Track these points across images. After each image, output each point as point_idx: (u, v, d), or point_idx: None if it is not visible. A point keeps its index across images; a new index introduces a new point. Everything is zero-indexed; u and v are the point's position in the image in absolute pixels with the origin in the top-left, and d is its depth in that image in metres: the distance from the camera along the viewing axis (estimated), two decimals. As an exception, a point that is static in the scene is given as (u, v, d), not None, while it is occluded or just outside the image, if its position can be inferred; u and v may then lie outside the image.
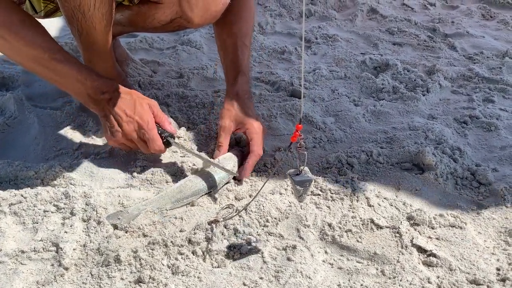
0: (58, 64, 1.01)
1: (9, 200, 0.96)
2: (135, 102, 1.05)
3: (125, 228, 0.91)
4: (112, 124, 1.03)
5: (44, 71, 1.03)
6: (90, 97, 1.04)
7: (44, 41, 1.01)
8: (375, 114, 1.40)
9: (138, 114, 1.03)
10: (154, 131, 1.04)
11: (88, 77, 1.03)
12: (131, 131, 1.03)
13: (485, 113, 1.41)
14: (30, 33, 0.99)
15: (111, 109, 1.03)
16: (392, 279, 0.82)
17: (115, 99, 1.04)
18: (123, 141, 1.05)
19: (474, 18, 2.36)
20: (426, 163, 1.13)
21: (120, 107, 1.03)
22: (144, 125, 1.03)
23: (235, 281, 0.81)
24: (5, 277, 0.80)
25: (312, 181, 0.82)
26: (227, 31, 1.25)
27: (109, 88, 1.05)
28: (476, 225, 0.96)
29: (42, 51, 1.00)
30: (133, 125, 1.03)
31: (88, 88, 1.03)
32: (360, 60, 1.75)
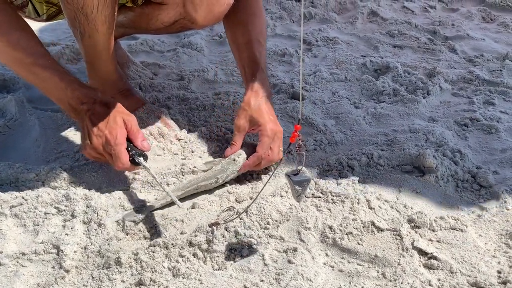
0: (41, 69, 1.01)
1: (10, 202, 0.96)
2: (110, 116, 1.02)
3: (140, 220, 0.93)
4: (85, 137, 1.02)
5: (27, 75, 1.04)
6: (70, 106, 1.04)
7: (30, 45, 1.01)
8: (375, 117, 1.41)
9: (109, 129, 1.00)
10: (120, 148, 0.98)
11: (69, 86, 1.03)
12: (98, 145, 1.00)
13: (485, 115, 1.41)
14: (16, 35, 0.99)
15: (87, 121, 1.02)
16: (393, 281, 0.82)
17: (92, 111, 1.02)
18: (93, 154, 1.03)
19: (474, 20, 2.37)
20: (426, 166, 1.13)
21: (93, 120, 1.02)
22: (112, 140, 0.98)
23: (236, 284, 0.81)
24: (6, 279, 0.80)
25: (309, 180, 0.83)
26: (242, 29, 1.25)
27: (88, 99, 1.04)
28: (477, 228, 0.96)
29: (25, 55, 1.00)
30: (102, 139, 1.00)
31: (68, 97, 1.03)
32: (360, 63, 1.75)
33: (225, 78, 1.65)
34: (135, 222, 0.92)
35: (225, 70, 1.71)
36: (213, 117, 1.36)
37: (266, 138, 1.08)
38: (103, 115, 1.02)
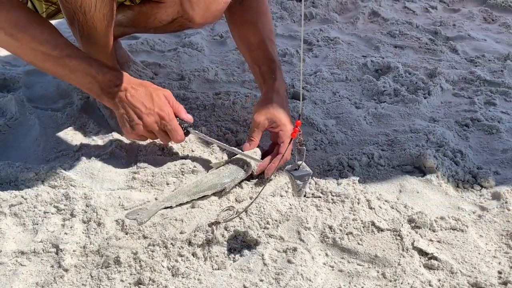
0: (68, 59, 1.00)
1: (10, 201, 0.96)
2: (152, 94, 1.05)
3: (145, 222, 0.92)
4: (132, 118, 1.03)
5: (54, 68, 1.02)
6: (103, 90, 1.04)
7: (53, 37, 1.01)
8: (376, 117, 1.40)
9: (158, 106, 1.03)
10: (175, 122, 1.04)
11: (99, 71, 1.02)
12: (152, 123, 1.03)
13: (486, 116, 1.40)
14: (38, 29, 0.99)
15: (128, 102, 1.03)
16: (393, 282, 0.82)
17: (130, 91, 1.03)
18: (143, 133, 1.05)
19: (475, 21, 2.36)
20: (427, 166, 1.13)
21: (138, 99, 1.03)
22: (166, 116, 1.03)
23: (235, 283, 0.81)
24: (5, 278, 0.80)
25: (310, 174, 0.82)
26: (252, 29, 1.25)
27: (121, 80, 1.04)
28: (477, 228, 0.96)
29: (51, 47, 0.99)
30: (154, 117, 1.03)
31: (100, 82, 1.03)
32: (361, 63, 1.75)
33: (225, 78, 1.64)
34: (138, 223, 0.92)
35: (225, 70, 1.71)
36: (214, 116, 1.36)
37: (288, 139, 1.08)
38: (144, 94, 1.04)
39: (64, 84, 1.48)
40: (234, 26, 1.29)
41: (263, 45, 1.23)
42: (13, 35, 0.97)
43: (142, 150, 1.16)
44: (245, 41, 1.26)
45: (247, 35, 1.25)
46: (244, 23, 1.26)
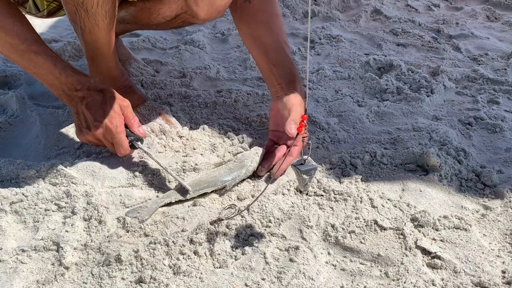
0: (34, 55, 1.02)
1: (10, 198, 0.95)
2: (106, 104, 1.06)
3: (146, 220, 0.92)
4: (82, 124, 1.06)
5: (20, 61, 1.04)
6: (64, 92, 1.06)
7: (23, 31, 1.02)
8: (379, 115, 1.39)
9: (108, 118, 1.04)
10: (121, 136, 1.04)
11: (62, 72, 1.05)
12: (98, 134, 1.05)
13: (490, 114, 1.40)
14: (10, 21, 1.00)
15: (82, 109, 1.05)
16: (396, 281, 0.81)
17: (87, 98, 1.06)
18: (91, 140, 1.08)
19: (478, 19, 2.35)
20: (430, 165, 1.12)
21: (91, 108, 1.05)
22: (113, 129, 1.03)
23: (237, 282, 0.80)
24: (5, 276, 0.80)
25: (316, 169, 0.82)
26: (264, 30, 1.23)
27: (82, 85, 1.06)
28: (481, 227, 0.95)
29: (19, 41, 1.01)
30: (102, 128, 1.04)
31: (62, 83, 1.05)
32: (364, 61, 1.74)
33: (227, 76, 1.64)
34: (139, 221, 0.91)
35: (227, 68, 1.70)
36: (215, 114, 1.35)
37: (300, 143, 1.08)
38: (99, 102, 1.05)
39: (65, 81, 1.48)
40: (244, 27, 1.26)
41: (279, 46, 1.21)
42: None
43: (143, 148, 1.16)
44: (259, 43, 1.23)
45: (261, 37, 1.23)
46: (257, 23, 1.23)
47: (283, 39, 1.23)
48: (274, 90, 1.19)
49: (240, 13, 1.26)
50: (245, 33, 1.27)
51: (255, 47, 1.24)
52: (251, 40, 1.25)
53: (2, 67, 1.56)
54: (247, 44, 1.27)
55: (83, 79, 1.07)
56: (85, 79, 1.08)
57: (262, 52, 1.22)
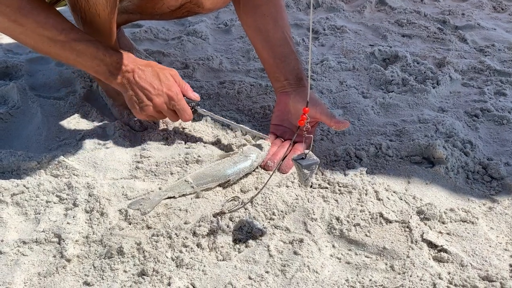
0: (75, 43, 0.99)
1: (11, 190, 0.94)
2: (159, 74, 1.06)
3: (148, 212, 0.91)
4: (141, 99, 1.04)
5: (61, 52, 1.01)
6: (111, 73, 1.03)
7: (58, 22, 0.99)
8: (384, 107, 1.38)
9: (166, 86, 1.05)
10: (183, 101, 1.06)
11: (106, 53, 1.02)
12: (161, 103, 1.05)
13: (496, 106, 1.37)
14: (43, 15, 0.97)
15: (136, 83, 1.04)
16: (402, 274, 0.80)
17: (137, 72, 1.04)
18: (153, 114, 1.07)
19: (485, 10, 2.32)
20: (436, 157, 1.10)
21: (146, 80, 1.04)
22: (174, 96, 1.05)
23: (240, 275, 0.79)
24: (6, 268, 0.79)
25: (317, 163, 0.81)
26: (271, 23, 1.19)
27: (128, 61, 1.05)
28: (488, 220, 0.94)
29: (56, 32, 0.98)
30: (163, 97, 1.05)
31: (107, 64, 1.02)
32: (368, 52, 1.72)
33: (230, 67, 1.62)
34: (141, 213, 0.90)
35: (230, 59, 1.68)
36: (218, 106, 1.34)
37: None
38: (151, 74, 1.05)
39: (67, 72, 1.46)
40: (248, 17, 1.23)
41: (285, 42, 1.19)
42: (17, 20, 0.95)
43: (145, 139, 1.15)
44: (264, 35, 1.20)
45: (266, 29, 1.20)
46: (263, 15, 1.20)
47: (288, 34, 1.20)
48: (281, 86, 1.17)
49: (244, 4, 1.23)
50: (249, 25, 1.24)
51: (259, 40, 1.21)
52: (255, 33, 1.22)
53: (3, 57, 1.55)
54: (251, 37, 1.25)
55: (127, 55, 1.05)
56: (128, 55, 1.06)
57: (267, 46, 1.20)
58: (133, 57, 1.07)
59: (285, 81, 1.15)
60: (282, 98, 1.15)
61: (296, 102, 1.11)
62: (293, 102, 1.12)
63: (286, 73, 1.16)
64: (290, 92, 1.13)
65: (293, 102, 1.12)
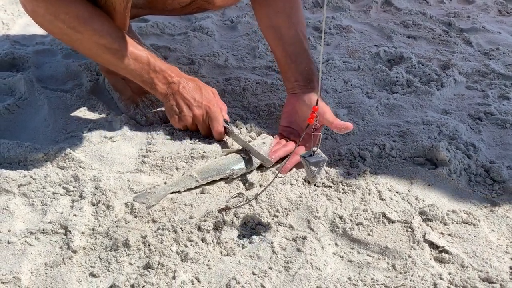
0: (127, 51, 1.05)
1: (18, 181, 0.95)
2: (201, 89, 1.13)
3: (153, 206, 0.92)
4: (181, 109, 1.11)
5: (114, 60, 1.06)
6: (157, 83, 1.10)
7: (112, 30, 1.04)
8: (388, 107, 1.38)
9: (206, 100, 1.12)
10: (219, 114, 1.11)
11: (156, 64, 1.09)
12: (200, 115, 1.11)
13: (500, 109, 1.38)
14: (99, 22, 1.01)
15: (180, 95, 1.11)
16: (403, 274, 0.81)
17: (183, 84, 1.11)
18: (190, 124, 1.13)
19: (490, 13, 2.32)
20: (439, 158, 1.11)
21: (189, 92, 1.11)
22: (212, 108, 1.11)
23: (244, 270, 0.80)
24: (14, 258, 0.80)
25: (325, 160, 0.82)
26: (285, 20, 1.19)
27: (175, 74, 1.12)
28: (489, 223, 0.95)
29: (111, 40, 1.03)
30: (202, 110, 1.11)
31: (156, 75, 1.09)
32: (374, 52, 1.72)
33: (236, 64, 1.63)
34: (146, 206, 0.91)
35: (236, 56, 1.69)
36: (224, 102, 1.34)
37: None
38: (194, 88, 1.13)
39: (74, 65, 1.47)
40: (262, 13, 1.23)
41: (298, 41, 1.18)
42: (75, 28, 0.99)
43: (152, 134, 1.16)
44: (277, 33, 1.20)
45: (279, 26, 1.20)
46: (277, 12, 1.20)
47: (302, 33, 1.19)
48: (291, 87, 1.17)
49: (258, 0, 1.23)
50: (263, 21, 1.24)
51: (273, 37, 1.21)
52: (269, 30, 1.22)
53: (10, 49, 1.55)
54: (265, 34, 1.25)
55: (174, 69, 1.14)
56: (175, 68, 1.13)
57: (280, 44, 1.19)
58: (178, 70, 1.14)
59: (295, 82, 1.15)
60: (291, 99, 1.15)
61: (302, 104, 1.12)
62: (300, 104, 1.12)
63: (296, 74, 1.16)
64: (299, 94, 1.13)
65: (300, 105, 1.12)
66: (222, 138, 1.13)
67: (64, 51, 1.59)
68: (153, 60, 1.09)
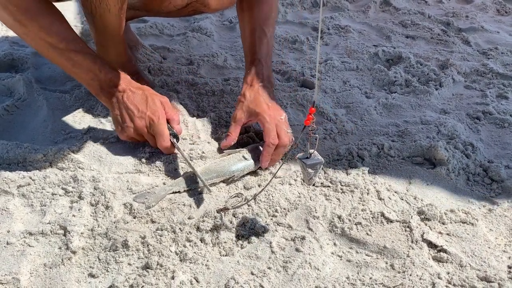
0: (73, 53, 1.01)
1: (18, 182, 0.95)
2: (147, 98, 1.06)
3: (153, 206, 0.92)
4: (124, 119, 1.05)
5: (58, 59, 1.03)
6: (102, 89, 1.05)
7: (61, 30, 1.01)
8: (387, 107, 1.39)
9: (150, 110, 1.04)
10: (163, 127, 1.03)
11: (102, 69, 1.04)
12: (142, 126, 1.04)
13: (498, 109, 1.38)
14: (48, 20, 0.99)
15: (124, 103, 1.05)
16: (402, 273, 0.81)
17: (127, 93, 1.05)
18: (133, 136, 1.06)
19: (489, 13, 2.32)
20: (438, 158, 1.12)
21: (133, 102, 1.05)
22: (156, 120, 1.03)
23: (243, 270, 0.80)
24: (13, 258, 0.80)
25: (322, 163, 0.82)
26: (248, 16, 1.24)
27: (122, 81, 1.06)
28: (487, 222, 0.95)
29: (58, 39, 1.00)
30: (145, 120, 1.04)
31: (101, 80, 1.04)
32: (372, 52, 1.73)
33: (234, 64, 1.63)
34: (146, 206, 0.92)
35: (234, 56, 1.69)
36: (222, 103, 1.35)
37: (267, 124, 1.05)
38: (140, 97, 1.06)
39: (73, 66, 1.47)
40: (239, 13, 1.29)
41: (251, 34, 1.22)
42: (21, 21, 0.97)
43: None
44: (242, 29, 1.26)
45: (244, 23, 1.25)
46: (244, 9, 1.25)
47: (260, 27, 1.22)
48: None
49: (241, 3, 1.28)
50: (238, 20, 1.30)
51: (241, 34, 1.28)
52: (240, 27, 1.29)
53: (9, 50, 1.56)
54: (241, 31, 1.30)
55: (122, 76, 1.07)
56: (124, 75, 1.08)
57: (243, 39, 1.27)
58: (128, 78, 1.08)
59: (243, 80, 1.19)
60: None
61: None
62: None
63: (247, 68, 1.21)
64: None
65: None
66: (171, 152, 1.07)
67: (63, 52, 1.59)
68: (100, 66, 1.04)
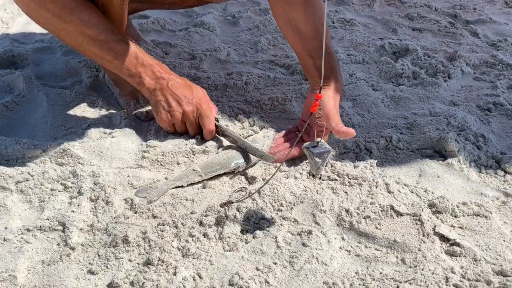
0: (114, 44, 1.02)
1: (16, 177, 0.93)
2: (191, 86, 1.09)
3: (155, 201, 0.90)
4: (170, 104, 1.05)
5: (99, 53, 1.03)
6: (144, 79, 1.06)
7: (99, 21, 1.00)
8: (394, 100, 1.35)
9: (197, 98, 1.07)
10: (211, 112, 1.07)
11: (144, 59, 1.05)
12: (190, 111, 1.06)
13: (510, 100, 1.34)
14: (86, 13, 0.98)
15: (170, 90, 1.06)
16: (413, 268, 0.78)
17: (172, 80, 1.07)
18: (178, 121, 1.07)
19: (497, 5, 2.28)
20: (448, 150, 1.08)
21: (179, 89, 1.07)
22: (204, 105, 1.06)
23: (247, 265, 0.77)
24: (10, 255, 0.77)
25: (330, 152, 0.79)
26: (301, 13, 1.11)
27: (164, 70, 1.08)
28: (501, 215, 0.91)
29: (98, 31, 1.00)
30: (192, 106, 1.06)
31: (143, 70, 1.05)
32: (378, 45, 1.69)
33: (237, 58, 1.60)
34: (147, 201, 0.89)
35: (237, 51, 1.66)
36: (225, 97, 1.32)
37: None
38: (184, 85, 1.08)
39: (73, 62, 1.45)
40: (277, 6, 1.15)
41: (316, 35, 1.10)
42: (61, 17, 0.96)
43: (152, 129, 1.13)
44: (294, 27, 1.12)
45: (296, 20, 1.11)
46: (291, 4, 1.11)
47: (320, 23, 1.10)
48: (311, 82, 1.12)
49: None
50: (279, 15, 1.16)
51: (290, 33, 1.14)
52: (285, 24, 1.15)
53: (9, 46, 1.54)
54: (282, 29, 1.17)
55: (163, 65, 1.09)
56: (164, 65, 1.10)
57: (298, 39, 1.12)
58: (167, 67, 1.10)
59: (314, 79, 1.10)
60: (310, 96, 1.09)
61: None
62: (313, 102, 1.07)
63: (314, 71, 1.10)
64: (315, 91, 1.08)
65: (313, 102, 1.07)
66: (212, 137, 1.09)
67: (63, 48, 1.57)
68: (141, 55, 1.06)
